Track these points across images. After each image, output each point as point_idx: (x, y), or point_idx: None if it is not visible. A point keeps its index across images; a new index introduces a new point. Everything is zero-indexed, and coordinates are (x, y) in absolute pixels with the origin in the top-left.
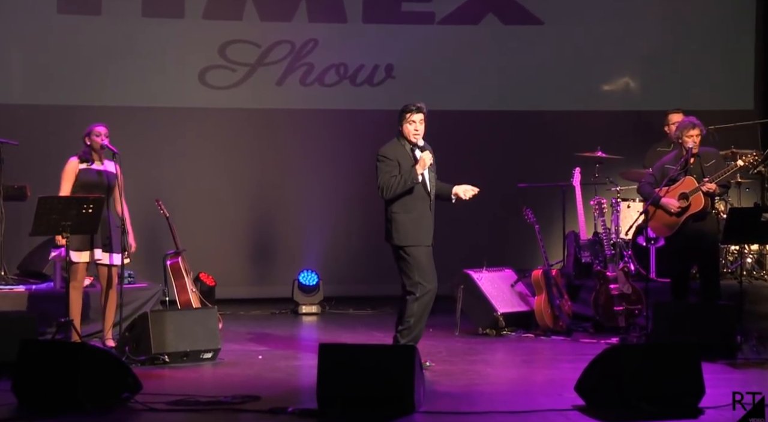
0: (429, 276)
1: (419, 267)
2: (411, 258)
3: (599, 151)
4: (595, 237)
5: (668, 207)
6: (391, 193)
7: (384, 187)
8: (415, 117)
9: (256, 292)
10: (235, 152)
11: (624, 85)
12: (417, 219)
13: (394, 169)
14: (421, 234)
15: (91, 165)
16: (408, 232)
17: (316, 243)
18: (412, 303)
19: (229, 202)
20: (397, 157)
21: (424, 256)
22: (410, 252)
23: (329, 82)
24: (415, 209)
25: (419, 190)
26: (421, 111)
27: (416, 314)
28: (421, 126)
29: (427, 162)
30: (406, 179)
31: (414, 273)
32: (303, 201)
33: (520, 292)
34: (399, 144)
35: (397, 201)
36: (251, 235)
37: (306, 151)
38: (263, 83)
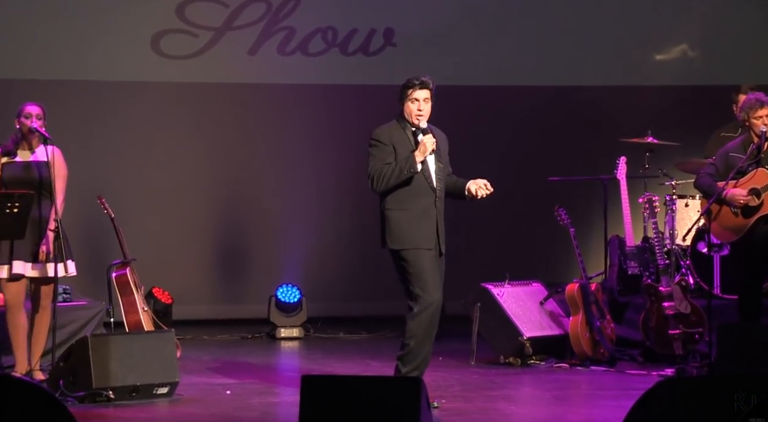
0: (430, 287)
1: (418, 276)
2: (408, 266)
3: (650, 136)
4: (645, 243)
5: (734, 200)
6: (382, 184)
7: (374, 176)
8: (418, 93)
9: (224, 312)
10: (197, 138)
11: (681, 53)
12: (415, 218)
13: (388, 155)
14: (421, 236)
15: (14, 158)
16: (403, 234)
17: (298, 250)
18: (410, 321)
19: (189, 199)
20: (393, 141)
21: (425, 262)
22: (407, 258)
23: (314, 50)
24: (413, 205)
25: (420, 182)
26: (426, 86)
27: (417, 335)
28: (426, 105)
29: (428, 146)
30: (402, 167)
31: (412, 284)
32: (282, 198)
33: (552, 312)
34: (398, 126)
35: (391, 195)
36: (218, 241)
37: (286, 136)
38: (232, 52)
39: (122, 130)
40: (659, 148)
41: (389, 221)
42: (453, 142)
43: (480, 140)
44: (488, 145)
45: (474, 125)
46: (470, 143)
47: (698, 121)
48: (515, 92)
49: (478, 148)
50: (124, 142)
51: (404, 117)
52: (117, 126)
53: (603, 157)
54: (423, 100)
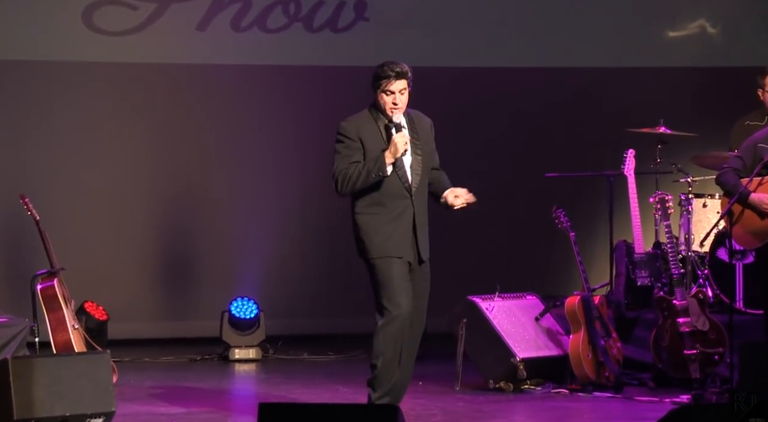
0: (397, 297)
1: (385, 285)
2: (378, 274)
3: (662, 126)
4: (657, 249)
5: (759, 205)
6: (347, 187)
7: (339, 178)
8: (394, 85)
9: (168, 330)
10: (137, 128)
11: (699, 30)
12: (386, 223)
13: (355, 152)
14: (390, 243)
15: None
16: (371, 240)
17: (255, 258)
18: (375, 337)
19: (128, 199)
20: (362, 135)
21: (394, 271)
22: (374, 266)
23: (273, 25)
24: (385, 208)
25: (392, 183)
26: (403, 76)
27: (383, 353)
28: (402, 97)
29: (400, 147)
30: (370, 169)
31: (379, 295)
32: (237, 198)
33: (549, 329)
34: (369, 117)
35: (361, 197)
36: (161, 248)
37: (241, 126)
38: (178, 27)
39: (49, 118)
40: (673, 140)
41: (357, 225)
42: (439, 132)
43: (465, 131)
44: (475, 136)
45: (458, 114)
46: (454, 134)
47: (718, 108)
48: (506, 75)
49: (462, 140)
50: (51, 132)
51: (377, 107)
52: (42, 113)
53: (608, 149)
54: (399, 92)
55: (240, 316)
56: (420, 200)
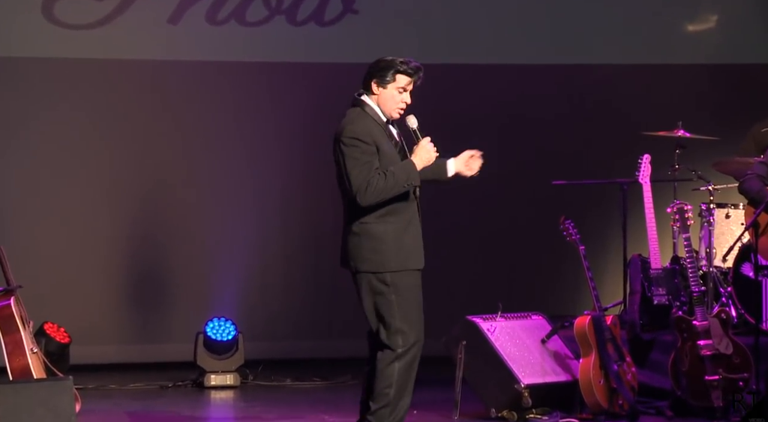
0: (416, 319)
1: (403, 305)
2: (393, 292)
3: (680, 129)
4: (675, 264)
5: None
6: (376, 198)
7: (366, 188)
8: (410, 83)
9: (137, 354)
10: (102, 130)
11: (721, 23)
12: (401, 232)
13: (373, 158)
14: (407, 253)
15: None
16: (389, 251)
17: (233, 275)
18: (390, 365)
19: (92, 210)
20: (375, 138)
21: (412, 290)
22: (393, 283)
23: (253, 18)
24: (399, 216)
25: None
26: (419, 73)
27: (398, 382)
28: (408, 98)
29: (432, 154)
30: (400, 179)
31: (395, 316)
32: (212, 208)
33: (557, 352)
34: (370, 118)
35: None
36: (128, 263)
37: (217, 128)
38: (147, 20)
39: (4, 119)
40: (692, 144)
41: (370, 237)
42: (430, 134)
43: (463, 134)
44: (474, 139)
45: (456, 115)
46: (451, 137)
47: (742, 109)
48: (509, 73)
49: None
50: (7, 135)
51: (372, 106)
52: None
53: (621, 154)
54: (409, 92)
55: (216, 338)
56: (419, 207)
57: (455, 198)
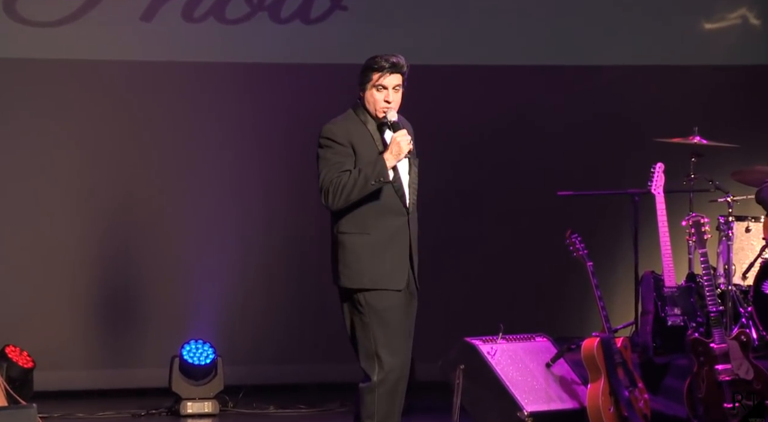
0: (395, 345)
1: (380, 328)
2: (369, 313)
3: (696, 135)
4: (691, 282)
5: None
6: (341, 199)
7: (329, 189)
8: (388, 79)
9: (107, 379)
10: (69, 136)
11: (740, 20)
12: (381, 245)
13: (346, 159)
14: (386, 271)
15: None
16: (363, 267)
17: (211, 293)
18: (369, 394)
19: (57, 222)
20: (352, 139)
21: (393, 311)
22: (366, 302)
23: (233, 15)
24: (379, 228)
25: (388, 196)
26: (398, 70)
27: (379, 412)
28: (396, 94)
29: (404, 146)
30: (368, 175)
31: (371, 340)
32: (189, 220)
33: (563, 377)
34: (356, 119)
35: (349, 213)
36: (97, 281)
37: (194, 133)
38: (118, 17)
39: None
40: (710, 152)
41: (344, 248)
42: (423, 142)
43: (461, 139)
44: (473, 146)
45: (453, 120)
46: (448, 143)
47: (763, 114)
48: (509, 75)
49: (458, 149)
50: None
51: (364, 107)
52: None
53: (632, 163)
54: (393, 88)
55: (193, 362)
56: (413, 220)
57: (453, 209)
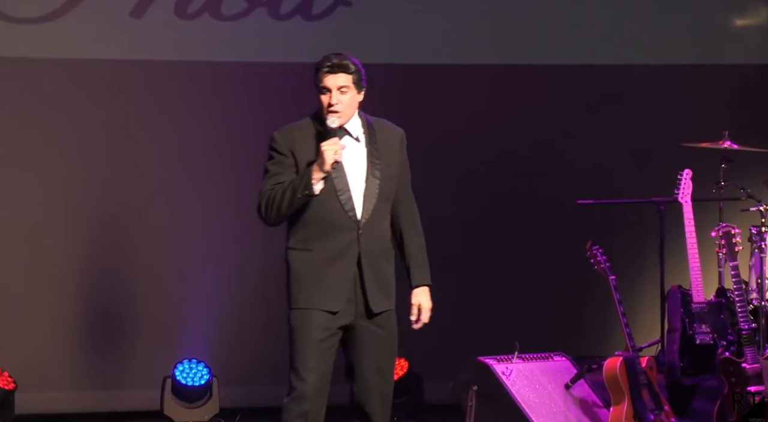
0: (306, 368)
1: (297, 349)
2: (291, 331)
3: (726, 140)
4: (721, 298)
5: None
6: (272, 212)
7: (261, 202)
8: (330, 80)
9: (94, 402)
10: (54, 140)
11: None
12: (322, 264)
13: (286, 170)
14: (321, 291)
15: None
16: (302, 284)
17: (206, 310)
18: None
19: (41, 231)
20: (295, 148)
21: (314, 329)
22: (291, 322)
23: (229, 11)
24: (322, 244)
25: (335, 210)
26: (342, 69)
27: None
28: (344, 96)
29: (328, 156)
30: (296, 187)
31: (293, 357)
32: (182, 232)
33: (583, 399)
34: (309, 126)
35: (295, 226)
36: (83, 296)
37: (188, 137)
38: (106, 13)
39: None
40: (741, 157)
41: (288, 265)
42: (432, 146)
43: (468, 145)
44: (482, 151)
45: (464, 122)
46: (454, 149)
47: None
48: (524, 75)
49: (466, 155)
50: None
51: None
52: None
53: (657, 169)
54: (338, 90)
55: (186, 383)
56: (372, 236)
57: (465, 219)
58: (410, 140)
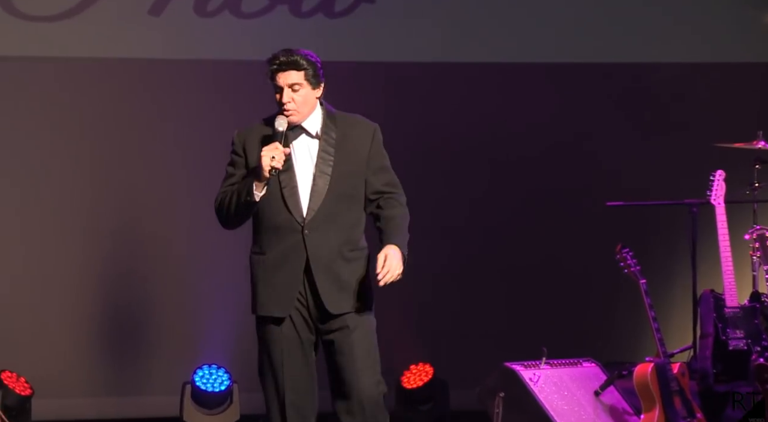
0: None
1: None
2: (259, 342)
3: (761, 140)
4: (755, 302)
5: None
6: (223, 217)
7: (216, 205)
8: (280, 78)
9: (112, 408)
10: (70, 141)
11: None
12: (273, 266)
13: (239, 171)
14: (272, 297)
15: None
16: (256, 289)
17: (226, 314)
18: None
19: (58, 235)
20: (248, 148)
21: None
22: (257, 331)
23: (250, 8)
24: (274, 248)
25: (278, 211)
26: (290, 67)
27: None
28: (296, 94)
29: (263, 162)
30: (240, 191)
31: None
32: (200, 236)
33: (613, 406)
34: (270, 124)
35: (255, 228)
36: (101, 300)
37: (207, 138)
38: (124, 11)
39: None
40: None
41: (249, 269)
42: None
43: (497, 144)
44: (508, 151)
45: (487, 121)
46: (482, 148)
47: None
48: (554, 73)
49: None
50: None
51: None
52: None
53: (689, 171)
54: (289, 88)
55: (207, 389)
56: (322, 236)
57: (490, 221)
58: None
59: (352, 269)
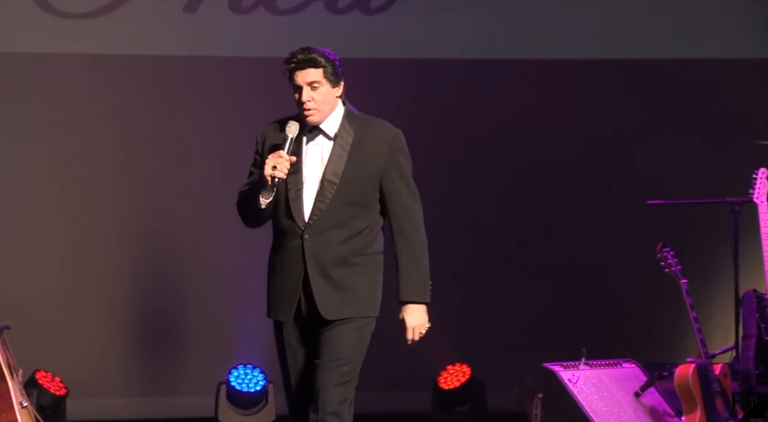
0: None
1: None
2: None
3: None
4: None
5: None
6: (243, 216)
7: (237, 204)
8: (298, 76)
9: (147, 408)
10: (107, 139)
11: None
12: (277, 269)
13: (258, 169)
14: (274, 300)
15: None
16: (268, 293)
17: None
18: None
19: (93, 234)
20: (264, 146)
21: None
22: (274, 333)
23: (285, 5)
24: (278, 249)
25: (283, 215)
26: (308, 64)
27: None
28: (315, 93)
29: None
30: (251, 193)
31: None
32: (233, 237)
33: (654, 408)
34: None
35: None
36: (136, 300)
37: (243, 137)
38: (159, 8)
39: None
40: None
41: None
42: (496, 143)
43: (538, 140)
44: (548, 151)
45: (529, 119)
46: (524, 143)
47: None
48: (595, 70)
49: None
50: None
51: None
52: None
53: (731, 169)
54: (308, 86)
55: (242, 390)
56: (323, 242)
57: (528, 219)
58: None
59: (357, 275)
